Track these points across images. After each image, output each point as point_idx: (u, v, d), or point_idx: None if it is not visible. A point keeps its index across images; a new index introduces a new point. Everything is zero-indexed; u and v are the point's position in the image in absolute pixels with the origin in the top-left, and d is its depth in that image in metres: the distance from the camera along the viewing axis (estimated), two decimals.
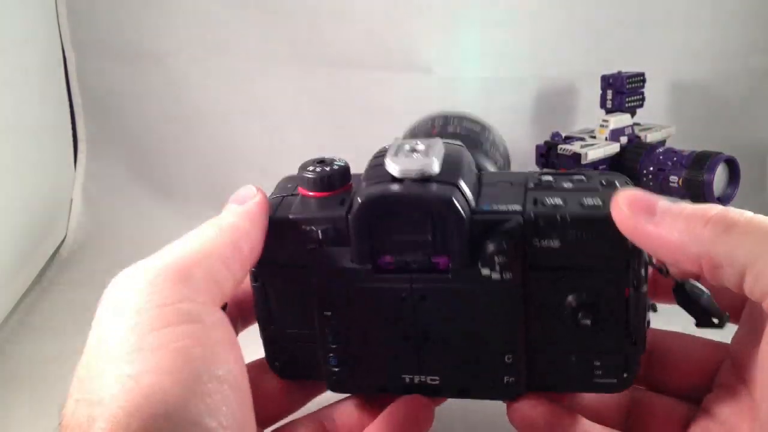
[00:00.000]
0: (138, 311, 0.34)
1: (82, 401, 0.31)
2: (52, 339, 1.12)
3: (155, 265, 0.38)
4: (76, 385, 0.33)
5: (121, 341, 0.33)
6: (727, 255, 0.33)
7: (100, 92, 1.50)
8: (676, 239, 0.36)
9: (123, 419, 0.29)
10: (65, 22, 1.45)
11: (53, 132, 1.46)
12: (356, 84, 1.43)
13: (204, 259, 0.39)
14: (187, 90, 1.48)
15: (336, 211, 0.48)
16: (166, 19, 1.44)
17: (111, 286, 0.38)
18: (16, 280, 1.22)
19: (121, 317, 0.34)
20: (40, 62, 1.40)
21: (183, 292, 0.36)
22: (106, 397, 0.30)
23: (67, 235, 1.43)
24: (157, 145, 1.52)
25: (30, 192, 1.31)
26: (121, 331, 0.34)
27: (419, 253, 0.46)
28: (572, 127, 1.35)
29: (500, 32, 1.38)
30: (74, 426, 0.30)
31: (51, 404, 0.86)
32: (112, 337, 0.34)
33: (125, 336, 0.33)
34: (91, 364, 0.33)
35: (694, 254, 0.35)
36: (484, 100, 1.42)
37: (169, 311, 0.35)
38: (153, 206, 1.50)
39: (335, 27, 1.41)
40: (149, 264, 0.39)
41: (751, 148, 1.38)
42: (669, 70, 1.39)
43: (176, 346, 0.33)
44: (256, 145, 1.49)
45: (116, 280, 0.39)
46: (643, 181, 1.18)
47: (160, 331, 0.33)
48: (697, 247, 0.35)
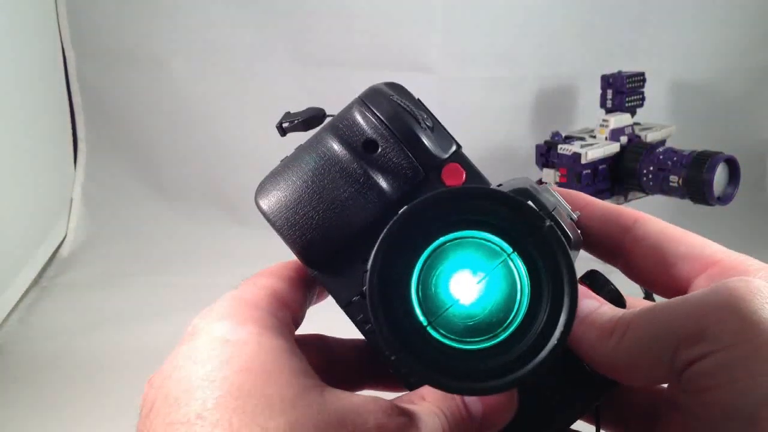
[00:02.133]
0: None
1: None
2: (52, 339, 1.12)
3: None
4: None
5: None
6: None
7: (100, 92, 1.50)
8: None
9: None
10: (65, 22, 1.45)
11: (53, 132, 1.46)
12: (356, 84, 1.42)
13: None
14: (186, 90, 1.48)
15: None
16: (166, 20, 1.44)
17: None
18: (16, 280, 1.22)
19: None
20: (40, 62, 1.40)
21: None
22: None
23: (67, 235, 1.43)
24: (156, 145, 1.52)
25: (30, 192, 1.31)
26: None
27: None
28: (572, 126, 1.35)
29: (500, 32, 1.39)
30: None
31: (51, 404, 0.86)
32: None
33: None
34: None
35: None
36: (484, 100, 1.42)
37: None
38: (153, 206, 1.50)
39: (335, 27, 1.41)
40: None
41: (751, 148, 1.38)
42: (669, 70, 1.40)
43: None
44: (256, 145, 1.49)
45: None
46: (643, 180, 1.19)
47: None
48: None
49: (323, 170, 0.35)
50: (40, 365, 1.05)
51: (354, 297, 0.34)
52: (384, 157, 0.34)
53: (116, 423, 0.95)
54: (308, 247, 0.35)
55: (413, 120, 0.35)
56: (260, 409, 0.27)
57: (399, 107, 0.35)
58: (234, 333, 0.30)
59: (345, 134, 0.35)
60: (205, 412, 0.27)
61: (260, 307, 0.32)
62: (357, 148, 0.34)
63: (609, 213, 0.37)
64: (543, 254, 0.29)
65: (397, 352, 0.28)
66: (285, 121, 0.40)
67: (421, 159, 0.34)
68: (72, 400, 0.96)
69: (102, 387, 0.99)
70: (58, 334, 1.12)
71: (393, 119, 0.34)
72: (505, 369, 0.28)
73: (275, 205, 0.35)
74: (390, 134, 0.34)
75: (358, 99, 0.35)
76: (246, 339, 0.29)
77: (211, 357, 0.29)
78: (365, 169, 0.34)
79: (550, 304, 0.28)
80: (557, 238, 0.28)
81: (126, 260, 1.35)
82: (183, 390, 0.28)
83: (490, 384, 0.28)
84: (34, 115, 1.35)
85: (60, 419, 0.93)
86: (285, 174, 0.36)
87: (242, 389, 0.27)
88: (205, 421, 0.27)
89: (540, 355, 0.28)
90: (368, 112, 0.35)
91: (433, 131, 0.35)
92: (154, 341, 1.13)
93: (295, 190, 0.35)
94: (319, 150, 0.35)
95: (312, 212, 0.35)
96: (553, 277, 0.28)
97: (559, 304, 0.28)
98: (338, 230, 0.33)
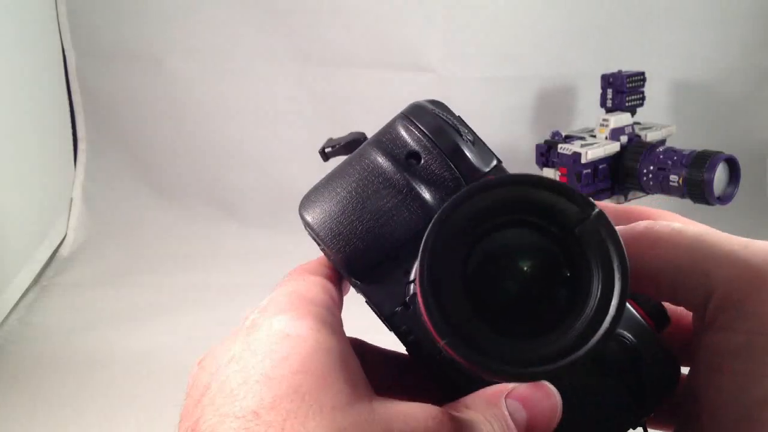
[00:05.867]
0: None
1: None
2: (52, 338, 1.12)
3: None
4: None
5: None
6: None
7: (100, 92, 1.50)
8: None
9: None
10: (65, 22, 1.45)
11: (53, 132, 1.46)
12: (356, 83, 1.43)
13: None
14: (186, 90, 1.48)
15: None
16: (166, 20, 1.44)
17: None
18: (15, 279, 1.22)
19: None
20: (40, 62, 1.40)
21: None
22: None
23: (67, 235, 1.43)
24: (156, 145, 1.52)
25: (30, 191, 1.31)
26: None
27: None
28: (572, 126, 1.35)
29: (501, 32, 1.39)
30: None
31: (51, 403, 0.86)
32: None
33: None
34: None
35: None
36: (484, 100, 1.42)
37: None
38: (152, 205, 1.50)
39: (335, 27, 1.41)
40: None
41: (752, 148, 1.38)
42: (669, 70, 1.40)
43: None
44: (256, 145, 1.49)
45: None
46: (643, 180, 1.19)
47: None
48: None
49: (367, 181, 0.35)
50: (40, 365, 1.05)
51: (397, 307, 0.35)
52: (427, 168, 0.35)
53: (116, 422, 0.95)
54: (352, 257, 0.35)
55: (456, 133, 0.35)
56: (312, 415, 0.27)
57: (442, 121, 0.35)
58: (294, 327, 0.30)
59: (388, 147, 0.35)
60: (262, 410, 0.27)
61: (316, 303, 0.32)
62: (400, 160, 0.35)
63: (616, 214, 0.37)
64: (593, 240, 0.29)
65: (449, 336, 0.28)
66: (327, 146, 0.41)
67: (463, 171, 0.35)
68: (72, 400, 0.96)
69: (102, 387, 0.99)
70: (58, 334, 1.12)
71: (436, 132, 0.35)
72: (557, 355, 0.28)
73: (319, 215, 0.36)
74: (433, 146, 0.35)
75: (401, 114, 0.36)
76: (305, 335, 0.30)
77: (271, 351, 0.29)
78: (408, 180, 0.35)
79: (600, 291, 0.29)
80: (607, 224, 0.28)
81: (126, 260, 1.35)
82: (241, 382, 0.28)
83: (542, 369, 0.28)
84: (34, 114, 1.35)
85: (60, 418, 0.93)
86: (328, 186, 0.36)
87: (298, 392, 0.28)
88: (260, 420, 0.27)
89: (591, 340, 0.28)
90: (411, 125, 0.35)
91: (474, 145, 0.36)
92: (154, 341, 1.14)
93: (338, 201, 0.36)
94: (363, 162, 0.36)
95: (356, 222, 0.35)
96: (603, 264, 0.29)
97: (609, 291, 0.28)
98: (381, 240, 0.34)
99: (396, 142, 0.35)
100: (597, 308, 0.29)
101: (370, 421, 0.28)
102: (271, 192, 1.43)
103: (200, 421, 0.28)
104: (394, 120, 0.36)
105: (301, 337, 0.30)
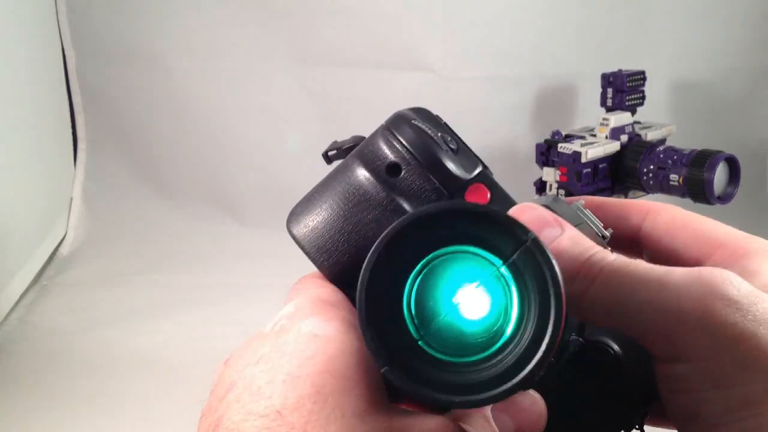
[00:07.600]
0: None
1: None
2: (51, 338, 1.12)
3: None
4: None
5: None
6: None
7: (100, 92, 1.50)
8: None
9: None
10: (65, 22, 1.45)
11: (53, 132, 1.46)
12: (356, 83, 1.43)
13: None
14: (186, 90, 1.48)
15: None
16: (166, 20, 1.44)
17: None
18: (15, 278, 1.22)
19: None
20: (40, 62, 1.40)
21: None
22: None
23: (67, 234, 1.43)
24: (156, 145, 1.52)
25: (30, 191, 1.31)
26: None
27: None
28: (572, 125, 1.35)
29: (501, 31, 1.39)
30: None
31: (51, 403, 0.86)
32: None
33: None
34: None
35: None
36: (485, 100, 1.42)
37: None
38: (153, 205, 1.50)
39: (335, 26, 1.41)
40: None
41: (752, 147, 1.38)
42: (669, 69, 1.39)
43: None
44: (256, 145, 1.49)
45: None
46: (643, 179, 1.19)
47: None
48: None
49: (348, 194, 0.36)
50: (40, 364, 1.05)
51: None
52: (407, 180, 0.35)
53: (116, 422, 0.95)
54: (336, 270, 0.36)
55: (434, 143, 0.35)
56: (333, 418, 0.28)
57: (420, 131, 0.36)
58: (321, 329, 0.31)
59: (369, 159, 0.36)
60: (285, 410, 0.28)
61: (341, 307, 0.33)
62: (380, 173, 0.35)
63: (621, 210, 0.37)
64: (529, 266, 0.29)
65: (388, 364, 0.28)
66: (331, 149, 0.41)
67: (443, 181, 0.35)
68: (72, 399, 0.96)
69: (102, 386, 0.99)
70: (58, 334, 1.12)
71: (414, 143, 0.35)
72: (498, 380, 0.28)
73: (303, 229, 0.37)
74: (411, 158, 0.35)
75: (384, 125, 0.36)
76: (333, 336, 0.30)
77: (298, 351, 0.29)
78: (388, 192, 0.35)
79: (537, 315, 0.29)
80: (541, 250, 0.28)
81: (126, 259, 1.35)
82: (267, 381, 0.29)
83: (475, 398, 0.28)
84: (34, 114, 1.35)
85: (60, 418, 0.93)
86: (312, 199, 0.37)
87: (321, 393, 0.28)
88: (283, 421, 0.27)
89: (526, 368, 0.28)
90: (391, 137, 0.36)
91: (457, 153, 0.36)
92: (154, 340, 1.14)
93: (321, 214, 0.36)
94: (345, 175, 0.36)
95: (338, 236, 0.36)
96: (540, 289, 0.28)
97: (546, 316, 0.28)
98: (363, 252, 0.34)
99: (376, 153, 0.36)
100: (533, 335, 0.29)
101: (386, 429, 0.29)
102: (271, 192, 1.43)
103: (224, 418, 0.28)
104: (376, 131, 0.37)
105: (328, 338, 0.30)
